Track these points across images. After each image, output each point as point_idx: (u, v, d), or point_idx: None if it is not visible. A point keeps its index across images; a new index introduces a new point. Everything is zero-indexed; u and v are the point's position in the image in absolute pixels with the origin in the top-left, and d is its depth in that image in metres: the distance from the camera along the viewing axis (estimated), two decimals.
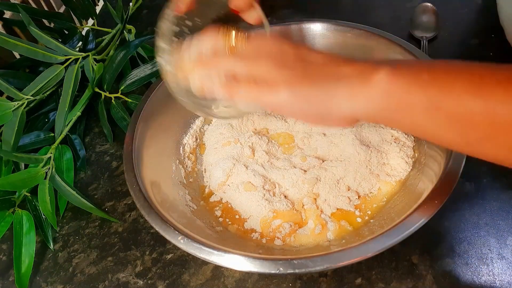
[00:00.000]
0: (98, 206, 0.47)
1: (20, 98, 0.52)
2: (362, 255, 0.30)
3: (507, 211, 0.40)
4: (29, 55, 0.54)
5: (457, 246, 0.39)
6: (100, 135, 0.57)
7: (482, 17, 0.61)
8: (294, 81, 0.30)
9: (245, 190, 0.42)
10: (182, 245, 0.33)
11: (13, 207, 0.46)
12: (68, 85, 0.54)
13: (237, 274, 0.40)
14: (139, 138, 0.43)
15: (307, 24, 0.51)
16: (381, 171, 0.42)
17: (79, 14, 0.69)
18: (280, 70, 0.30)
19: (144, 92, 0.47)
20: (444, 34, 0.60)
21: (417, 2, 0.64)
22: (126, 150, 0.41)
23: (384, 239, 0.31)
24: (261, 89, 0.31)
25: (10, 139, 0.49)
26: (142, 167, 0.40)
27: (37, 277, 0.43)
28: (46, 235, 0.46)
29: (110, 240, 0.45)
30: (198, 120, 0.51)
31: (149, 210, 0.36)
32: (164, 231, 0.34)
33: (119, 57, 0.58)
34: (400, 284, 0.37)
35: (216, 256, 0.32)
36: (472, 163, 0.44)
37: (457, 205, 0.41)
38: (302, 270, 0.30)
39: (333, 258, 0.30)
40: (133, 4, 0.76)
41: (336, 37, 0.50)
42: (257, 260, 0.31)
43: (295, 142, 0.47)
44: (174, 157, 0.46)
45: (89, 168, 0.53)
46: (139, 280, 0.41)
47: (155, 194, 0.38)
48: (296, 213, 0.40)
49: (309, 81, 0.30)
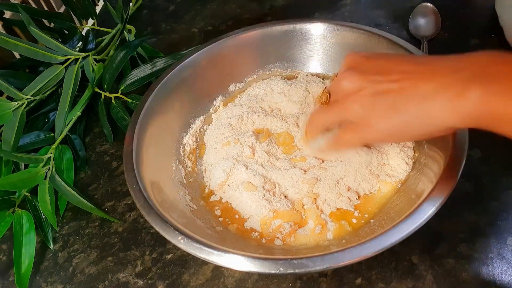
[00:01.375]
0: (98, 206, 0.47)
1: (20, 98, 0.52)
2: (362, 255, 0.30)
3: (507, 211, 0.40)
4: (29, 55, 0.54)
5: (457, 246, 0.39)
6: (100, 135, 0.57)
7: (482, 17, 0.61)
8: (381, 112, 0.32)
9: (245, 190, 0.42)
10: (182, 245, 0.33)
11: (13, 207, 0.46)
12: (68, 85, 0.54)
13: (237, 274, 0.40)
14: (139, 138, 0.43)
15: (307, 24, 0.51)
16: (381, 171, 0.42)
17: (79, 14, 0.69)
18: (367, 109, 0.33)
19: (144, 92, 0.47)
20: (444, 34, 0.60)
21: (417, 2, 0.64)
22: (126, 150, 0.41)
23: (384, 239, 0.31)
24: (358, 132, 0.35)
25: (10, 139, 0.49)
26: (142, 167, 0.40)
27: (37, 277, 0.43)
28: (46, 235, 0.46)
29: (110, 240, 0.45)
30: (198, 120, 0.51)
31: (149, 210, 0.36)
32: (164, 231, 0.34)
33: (119, 57, 0.58)
34: (400, 284, 0.37)
35: (216, 256, 0.32)
36: (472, 163, 0.44)
37: (457, 205, 0.41)
38: (302, 270, 0.30)
39: (333, 258, 0.30)
40: (133, 4, 0.76)
41: (336, 37, 0.50)
42: (257, 260, 0.31)
43: (295, 142, 0.47)
44: (174, 157, 0.46)
45: (89, 168, 0.53)
46: (139, 280, 0.41)
47: (155, 194, 0.38)
48: (296, 213, 0.40)
49: (395, 110, 0.31)
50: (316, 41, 0.52)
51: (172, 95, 0.48)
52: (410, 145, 0.43)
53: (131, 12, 0.75)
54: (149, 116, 0.45)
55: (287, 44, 0.53)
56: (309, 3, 0.72)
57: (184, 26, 0.73)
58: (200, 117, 0.51)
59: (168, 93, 0.48)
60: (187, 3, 0.78)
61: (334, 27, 0.50)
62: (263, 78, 0.55)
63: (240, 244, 0.38)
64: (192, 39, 0.70)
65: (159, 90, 0.47)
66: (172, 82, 0.49)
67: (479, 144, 0.45)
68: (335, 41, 0.51)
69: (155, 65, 0.57)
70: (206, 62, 0.51)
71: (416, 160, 0.42)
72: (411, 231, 0.31)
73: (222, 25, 0.72)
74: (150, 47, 0.66)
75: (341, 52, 0.51)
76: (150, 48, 0.66)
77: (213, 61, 0.52)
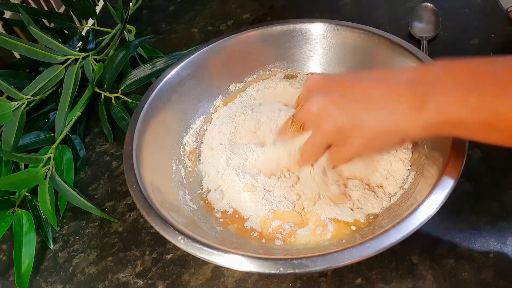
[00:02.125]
0: (98, 206, 0.47)
1: (20, 98, 0.52)
2: (362, 255, 0.30)
3: (507, 211, 0.40)
4: (29, 55, 0.54)
5: (457, 246, 0.39)
6: (100, 135, 0.57)
7: (482, 17, 0.61)
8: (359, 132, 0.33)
9: (244, 191, 0.42)
10: (182, 245, 0.33)
11: (13, 207, 0.46)
12: (68, 85, 0.54)
13: (237, 274, 0.40)
14: (139, 138, 0.43)
15: (307, 24, 0.51)
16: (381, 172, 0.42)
17: (79, 14, 0.69)
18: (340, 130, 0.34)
19: (144, 92, 0.47)
20: (444, 34, 0.60)
21: (417, 2, 0.64)
22: (126, 150, 0.41)
23: (384, 239, 0.31)
24: (338, 152, 0.37)
25: (10, 139, 0.49)
26: (142, 167, 0.40)
27: (37, 277, 0.43)
28: (46, 235, 0.46)
29: (110, 240, 0.45)
30: (198, 120, 0.51)
31: (149, 210, 0.36)
32: (164, 231, 0.34)
33: (119, 57, 0.58)
34: (400, 284, 0.37)
35: (216, 256, 0.32)
36: (472, 163, 0.44)
37: (457, 205, 0.41)
38: (302, 270, 0.30)
39: (333, 258, 0.30)
40: (133, 4, 0.76)
41: (336, 37, 0.50)
42: (257, 260, 0.31)
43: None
44: (174, 157, 0.46)
45: (89, 168, 0.53)
46: (139, 280, 0.41)
47: (155, 194, 0.38)
48: (296, 214, 0.40)
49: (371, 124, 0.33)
50: (316, 41, 0.52)
51: (172, 95, 0.48)
52: (408, 146, 0.43)
53: (131, 12, 0.75)
54: (149, 116, 0.45)
55: (287, 44, 0.53)
56: (309, 3, 0.72)
57: (184, 26, 0.73)
58: (200, 117, 0.51)
59: (168, 93, 0.48)
60: (187, 3, 0.78)
61: (334, 27, 0.50)
62: (263, 78, 0.55)
63: (240, 244, 0.38)
64: (192, 39, 0.70)
65: (159, 90, 0.47)
66: (172, 82, 0.49)
67: (479, 144, 0.44)
68: (335, 41, 0.51)
69: (155, 65, 0.57)
70: (206, 62, 0.51)
71: (415, 161, 0.42)
72: (411, 231, 0.31)
73: (222, 25, 0.72)
74: (150, 47, 0.66)
75: (342, 52, 0.51)
76: (150, 48, 0.66)
77: (213, 61, 0.52)
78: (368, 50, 0.48)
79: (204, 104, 0.52)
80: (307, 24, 0.51)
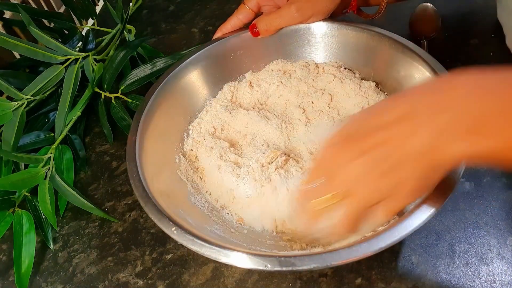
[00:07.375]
0: (98, 206, 0.47)
1: (20, 98, 0.52)
2: (362, 255, 0.30)
3: (507, 211, 0.40)
4: (29, 55, 0.54)
5: (457, 246, 0.39)
6: (100, 135, 0.57)
7: (482, 17, 0.61)
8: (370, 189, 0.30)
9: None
10: (175, 236, 0.33)
11: (13, 207, 0.47)
12: (68, 85, 0.54)
13: (237, 274, 0.40)
14: (143, 129, 0.42)
15: (309, 24, 0.51)
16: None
17: (79, 14, 0.69)
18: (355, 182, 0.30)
19: (144, 92, 0.47)
20: (444, 34, 0.60)
21: (417, 2, 0.64)
22: (129, 141, 0.41)
23: (384, 239, 0.31)
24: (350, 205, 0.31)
25: (10, 139, 0.49)
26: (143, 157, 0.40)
27: (37, 277, 0.43)
28: (46, 235, 0.46)
29: (110, 240, 0.45)
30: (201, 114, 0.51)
31: (147, 199, 0.36)
32: (158, 219, 0.34)
33: (119, 57, 0.58)
34: (400, 284, 0.37)
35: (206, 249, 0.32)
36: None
37: (457, 205, 0.41)
38: (289, 268, 0.30)
39: (321, 258, 0.30)
40: (133, 4, 0.76)
41: (338, 36, 0.50)
42: (245, 254, 0.31)
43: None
44: (177, 150, 0.46)
45: (89, 168, 0.53)
46: (139, 280, 0.41)
47: (156, 185, 0.38)
48: None
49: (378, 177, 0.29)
50: (318, 40, 0.52)
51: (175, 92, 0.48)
52: None
53: (131, 12, 0.75)
54: (154, 109, 0.45)
55: (288, 43, 0.53)
56: None
57: (184, 26, 0.73)
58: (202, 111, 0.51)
59: (172, 90, 0.48)
60: (187, 3, 0.78)
61: (336, 27, 0.50)
62: (263, 78, 0.54)
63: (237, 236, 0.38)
64: (192, 39, 0.70)
65: (162, 87, 0.47)
66: (174, 81, 0.48)
67: None
68: (337, 40, 0.51)
69: (155, 65, 0.57)
70: (206, 62, 0.51)
71: None
72: (411, 230, 0.31)
73: None
74: (150, 47, 0.66)
75: (344, 51, 0.51)
76: (150, 48, 0.66)
77: (213, 61, 0.52)
78: (371, 49, 0.48)
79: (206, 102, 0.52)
80: (308, 23, 0.51)
